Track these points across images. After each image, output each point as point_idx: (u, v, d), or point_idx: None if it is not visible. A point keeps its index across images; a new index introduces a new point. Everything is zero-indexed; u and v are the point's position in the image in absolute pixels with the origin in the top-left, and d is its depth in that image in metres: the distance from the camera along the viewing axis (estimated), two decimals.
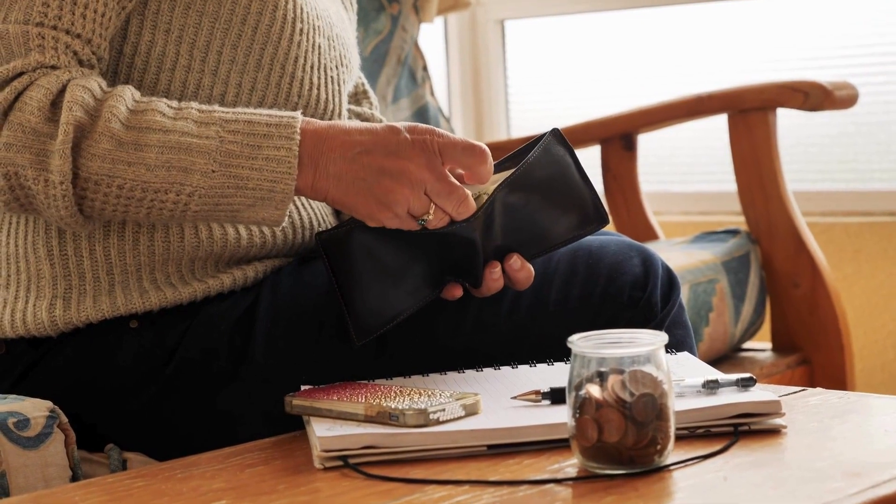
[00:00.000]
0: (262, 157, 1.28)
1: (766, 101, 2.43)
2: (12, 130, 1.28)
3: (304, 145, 1.28)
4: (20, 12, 1.32)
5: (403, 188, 1.26)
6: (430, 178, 1.27)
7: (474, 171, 1.29)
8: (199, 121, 1.29)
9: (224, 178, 1.28)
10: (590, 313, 1.39)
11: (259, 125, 1.29)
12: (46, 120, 1.28)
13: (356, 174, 1.27)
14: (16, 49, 1.31)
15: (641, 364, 1.07)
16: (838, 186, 3.03)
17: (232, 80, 1.41)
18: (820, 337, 2.42)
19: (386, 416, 1.17)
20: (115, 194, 1.28)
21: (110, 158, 1.27)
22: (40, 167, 1.28)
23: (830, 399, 1.28)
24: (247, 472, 1.16)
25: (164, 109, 1.30)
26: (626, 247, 1.44)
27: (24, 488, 1.29)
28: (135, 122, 1.28)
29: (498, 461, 1.13)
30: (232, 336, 1.39)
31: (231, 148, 1.28)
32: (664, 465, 1.08)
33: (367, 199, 1.28)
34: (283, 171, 1.28)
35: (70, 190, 1.28)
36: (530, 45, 3.47)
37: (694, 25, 3.22)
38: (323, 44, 1.48)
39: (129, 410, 1.41)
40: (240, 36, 1.40)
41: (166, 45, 1.39)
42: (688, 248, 2.42)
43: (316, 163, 1.28)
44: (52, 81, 1.29)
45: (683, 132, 2.97)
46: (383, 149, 1.27)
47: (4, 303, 1.42)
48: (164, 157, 1.27)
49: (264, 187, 1.28)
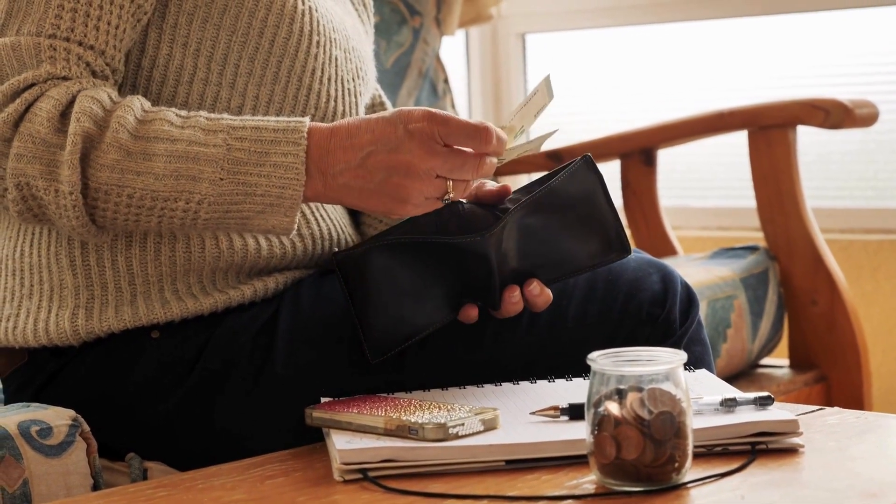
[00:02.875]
0: (270, 163, 1.29)
1: (786, 118, 2.43)
2: (23, 141, 1.29)
3: (310, 155, 1.29)
4: (33, 24, 1.33)
5: (413, 181, 1.27)
6: (436, 164, 1.27)
7: (479, 154, 1.29)
8: (207, 128, 1.30)
9: (232, 186, 1.29)
10: (608, 329, 1.39)
11: (266, 131, 1.30)
12: (56, 131, 1.29)
13: (364, 178, 1.28)
14: (28, 61, 1.32)
15: (660, 382, 1.07)
16: (858, 203, 3.03)
17: (249, 92, 1.42)
18: (838, 354, 2.42)
19: (405, 430, 1.18)
20: (125, 204, 1.29)
21: (119, 168, 1.28)
22: (50, 178, 1.29)
23: (848, 418, 1.28)
24: (267, 484, 1.17)
25: (172, 118, 1.31)
26: (646, 263, 1.44)
27: (46, 496, 1.30)
28: (143, 131, 1.29)
29: (516, 476, 1.14)
30: (253, 347, 1.40)
31: (238, 155, 1.29)
32: (681, 483, 1.08)
33: (381, 199, 1.29)
34: (291, 178, 1.28)
35: (80, 200, 1.29)
36: (551, 59, 3.48)
37: (715, 41, 3.22)
38: (339, 56, 1.49)
39: (150, 420, 1.42)
40: (257, 49, 1.41)
41: (184, 59, 1.40)
42: (706, 264, 2.43)
43: (324, 173, 1.29)
44: (62, 92, 1.30)
45: (703, 147, 2.97)
46: (385, 146, 1.27)
47: (28, 312, 1.43)
48: (171, 166, 1.28)
49: (273, 193, 1.29)
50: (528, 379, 1.37)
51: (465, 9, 2.89)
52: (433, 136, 1.27)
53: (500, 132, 1.28)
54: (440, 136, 1.27)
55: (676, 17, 3.21)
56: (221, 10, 1.40)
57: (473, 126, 1.27)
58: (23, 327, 1.42)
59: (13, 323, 1.43)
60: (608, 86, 3.36)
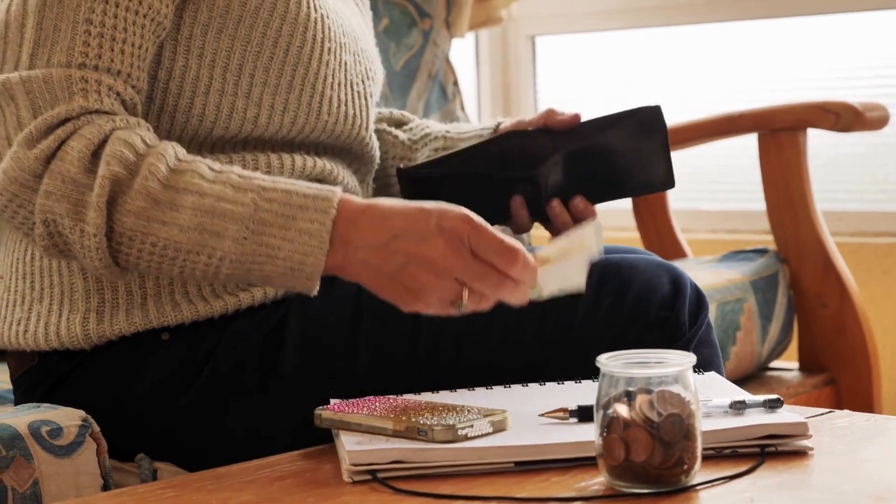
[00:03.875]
0: (296, 228, 1.26)
1: (796, 121, 2.43)
2: (52, 179, 1.29)
3: (337, 226, 1.27)
4: (62, 53, 1.32)
5: (429, 276, 1.24)
6: (457, 265, 1.24)
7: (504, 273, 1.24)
8: (238, 186, 1.28)
9: (255, 246, 1.27)
10: (617, 332, 1.39)
11: (296, 196, 1.27)
12: (86, 171, 1.29)
13: (383, 260, 1.25)
14: (59, 94, 1.31)
15: (669, 384, 1.07)
16: (868, 207, 3.03)
17: (265, 101, 1.42)
18: (847, 357, 2.42)
19: (414, 432, 1.18)
20: (147, 251, 1.28)
21: (145, 216, 1.27)
22: (77, 217, 1.29)
23: (858, 421, 1.28)
24: (276, 485, 1.17)
25: (205, 172, 1.29)
26: (655, 266, 1.44)
27: (56, 496, 1.31)
28: (173, 181, 1.28)
29: (525, 478, 1.14)
30: (262, 349, 1.41)
31: (265, 216, 1.27)
32: (690, 485, 1.09)
33: (394, 286, 1.26)
34: (315, 245, 1.26)
35: (104, 243, 1.28)
36: (561, 61, 3.48)
37: (725, 44, 3.22)
38: (349, 60, 1.49)
39: (160, 421, 1.42)
40: (271, 58, 1.41)
41: (200, 70, 1.40)
42: (716, 267, 2.42)
43: (346, 246, 1.27)
44: (95, 132, 1.29)
45: (713, 150, 2.97)
46: (412, 235, 1.25)
47: (38, 316, 1.43)
48: (197, 220, 1.27)
49: (294, 259, 1.26)
50: (537, 381, 1.38)
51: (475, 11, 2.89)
52: (462, 238, 1.24)
53: (529, 258, 1.25)
54: (470, 241, 1.24)
55: (686, 19, 3.21)
56: (236, 21, 1.40)
57: (504, 244, 1.24)
58: (34, 331, 1.43)
59: (24, 326, 1.44)
60: (618, 88, 3.36)
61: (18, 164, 1.29)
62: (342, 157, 1.55)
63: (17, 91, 1.31)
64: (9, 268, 1.47)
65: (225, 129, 1.42)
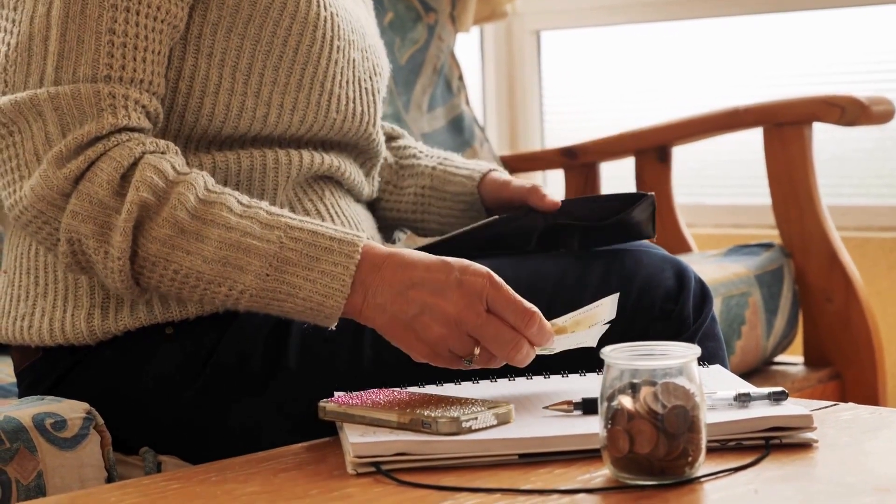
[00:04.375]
0: (319, 269, 1.27)
1: (802, 115, 2.42)
2: (80, 200, 1.29)
3: (360, 270, 1.27)
4: (88, 66, 1.32)
5: (441, 328, 1.25)
6: (471, 321, 1.24)
7: (519, 332, 1.25)
8: (265, 223, 1.29)
9: (276, 283, 1.27)
10: (622, 325, 1.39)
11: (323, 237, 1.28)
12: (114, 194, 1.29)
13: (399, 308, 1.26)
14: (88, 110, 1.31)
15: (674, 376, 1.07)
16: (873, 201, 3.03)
17: (274, 101, 1.42)
18: (852, 352, 2.41)
19: (419, 424, 1.18)
20: (169, 277, 1.29)
21: (170, 244, 1.28)
22: (102, 239, 1.29)
23: (862, 414, 1.28)
24: (280, 477, 1.17)
25: (233, 205, 1.30)
26: (660, 259, 1.44)
27: (61, 488, 1.31)
28: (201, 212, 1.29)
29: (529, 470, 1.14)
30: (267, 343, 1.41)
31: (289, 255, 1.27)
32: (695, 477, 1.08)
33: (406, 334, 1.27)
34: (336, 289, 1.27)
35: (128, 266, 1.29)
36: (566, 55, 3.47)
37: (730, 38, 3.21)
38: (357, 57, 1.49)
39: (164, 415, 1.42)
40: (281, 57, 1.41)
41: (209, 70, 1.40)
42: (721, 261, 2.42)
43: (366, 290, 1.27)
44: (125, 154, 1.30)
45: (718, 145, 2.96)
46: (430, 285, 1.25)
47: (43, 311, 1.43)
48: (221, 253, 1.28)
49: (315, 300, 1.27)
50: (542, 374, 1.37)
51: (480, 6, 2.89)
52: (481, 295, 1.24)
53: (546, 324, 1.25)
54: (487, 298, 1.24)
55: (691, 13, 3.21)
56: (246, 21, 1.40)
57: (523, 306, 1.24)
58: (38, 326, 1.43)
59: (28, 322, 1.44)
60: (623, 83, 3.36)
61: (47, 183, 1.30)
62: (349, 152, 1.55)
63: (46, 107, 1.31)
64: (13, 262, 1.47)
65: (234, 128, 1.42)
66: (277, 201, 1.45)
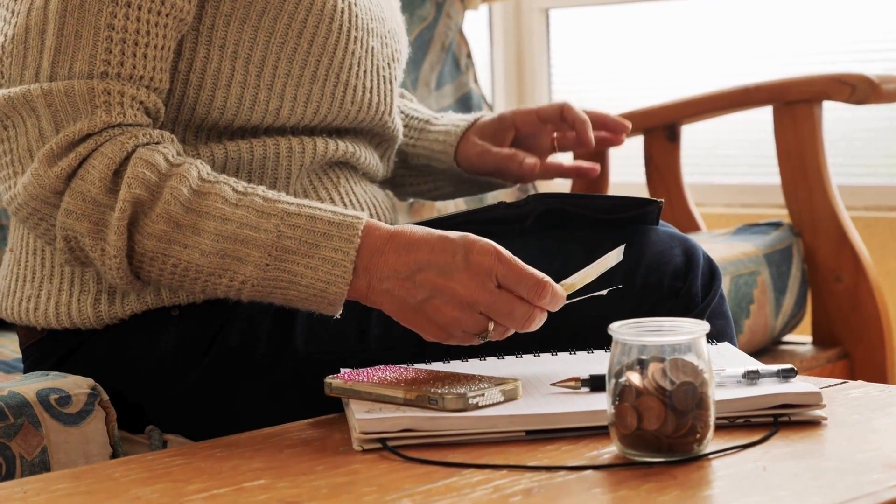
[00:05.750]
0: (319, 256, 1.26)
1: (812, 93, 2.41)
2: (73, 198, 1.28)
3: (361, 255, 1.26)
4: (84, 62, 1.30)
5: (454, 311, 1.24)
6: (482, 299, 1.23)
7: (532, 304, 1.24)
8: (261, 211, 1.27)
9: (277, 273, 1.26)
10: (630, 303, 1.38)
11: (321, 222, 1.26)
12: (107, 191, 1.28)
13: (408, 292, 1.25)
14: (82, 107, 1.29)
15: (682, 353, 1.06)
16: (883, 181, 3.01)
17: (287, 93, 1.40)
18: (861, 332, 2.40)
19: (425, 400, 1.17)
20: (169, 271, 1.28)
21: (166, 239, 1.27)
22: (98, 236, 1.28)
23: (871, 392, 1.27)
24: (285, 453, 1.17)
25: (228, 194, 1.28)
26: (668, 237, 1.43)
27: (65, 464, 1.30)
28: (196, 204, 1.27)
29: (536, 447, 1.13)
30: (273, 324, 1.40)
31: (288, 244, 1.26)
32: (703, 454, 1.08)
33: (417, 318, 1.26)
34: (338, 275, 1.25)
35: (125, 263, 1.28)
36: (575, 33, 3.46)
37: (740, 16, 3.20)
38: (376, 45, 1.47)
39: (170, 395, 1.41)
40: (295, 50, 1.40)
41: (221, 62, 1.38)
42: (730, 240, 2.41)
43: (370, 275, 1.26)
44: (116, 150, 1.28)
45: (727, 123, 2.95)
46: (437, 268, 1.24)
47: (49, 294, 1.42)
48: (219, 245, 1.26)
49: (317, 287, 1.26)
50: (550, 351, 1.37)
51: None
52: (490, 273, 1.23)
53: (558, 289, 1.24)
54: (498, 275, 1.23)
55: None
56: (260, 13, 1.38)
57: (535, 278, 1.23)
58: (44, 309, 1.42)
59: (34, 304, 1.43)
60: (632, 61, 3.34)
61: (39, 182, 1.28)
62: (363, 136, 1.53)
63: (39, 104, 1.30)
64: (19, 241, 1.46)
65: (246, 120, 1.40)
66: (291, 189, 1.44)
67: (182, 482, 1.09)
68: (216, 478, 1.10)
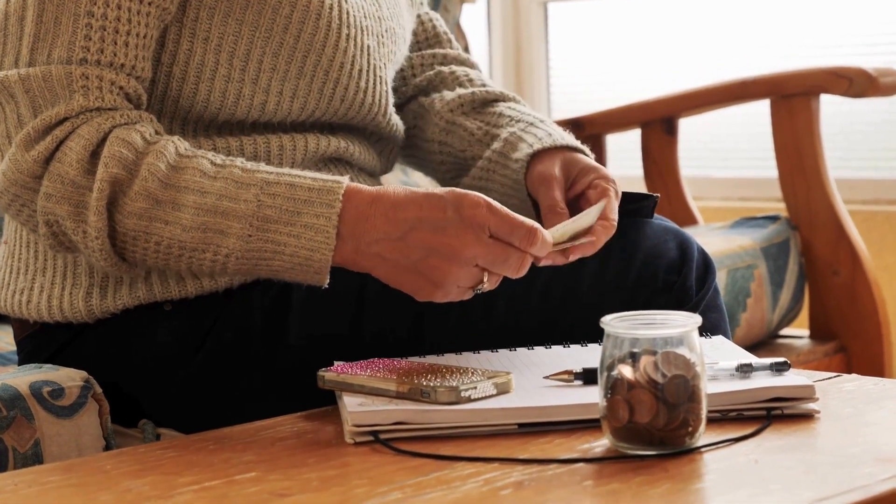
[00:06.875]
0: (301, 223, 1.24)
1: (809, 86, 2.41)
2: (52, 181, 1.27)
3: (345, 221, 1.24)
4: (63, 49, 1.29)
5: (452, 266, 1.22)
6: (480, 253, 1.22)
7: (522, 250, 1.24)
8: (240, 181, 1.25)
9: (260, 243, 1.25)
10: (624, 296, 1.38)
11: (301, 189, 1.25)
12: (85, 172, 1.26)
13: (401, 254, 1.23)
14: (59, 92, 1.28)
15: (674, 346, 1.06)
16: (881, 174, 3.01)
17: (273, 88, 1.39)
18: (858, 326, 2.40)
19: (417, 393, 1.17)
20: (152, 250, 1.27)
21: (147, 217, 1.26)
22: (79, 219, 1.27)
23: (865, 385, 1.27)
24: (277, 445, 1.16)
25: (206, 168, 1.27)
26: (662, 230, 1.43)
27: (58, 457, 1.30)
28: (174, 180, 1.26)
29: (528, 440, 1.13)
30: (266, 318, 1.39)
31: (269, 213, 1.24)
32: (695, 447, 1.08)
33: (413, 278, 1.24)
34: (321, 241, 1.24)
35: (107, 244, 1.27)
36: (573, 27, 3.46)
37: (737, 9, 3.19)
38: (372, 44, 1.46)
39: (164, 389, 1.41)
40: (281, 45, 1.38)
41: (205, 54, 1.37)
42: (727, 234, 2.41)
43: (357, 239, 1.24)
44: (93, 131, 1.27)
45: (725, 117, 2.95)
46: (430, 225, 1.22)
47: (41, 288, 1.42)
48: (200, 219, 1.25)
49: (301, 255, 1.24)
50: (543, 345, 1.37)
51: None
52: (484, 226, 1.22)
53: (547, 235, 1.24)
54: (490, 227, 1.22)
55: None
56: (244, 6, 1.36)
57: (525, 225, 1.22)
58: (36, 302, 1.42)
59: (27, 297, 1.42)
60: (629, 54, 3.34)
61: (17, 167, 1.28)
62: (358, 133, 1.52)
63: (16, 89, 1.29)
64: (13, 233, 1.46)
65: (231, 114, 1.39)
66: None
67: (173, 475, 1.09)
68: (207, 470, 1.10)
